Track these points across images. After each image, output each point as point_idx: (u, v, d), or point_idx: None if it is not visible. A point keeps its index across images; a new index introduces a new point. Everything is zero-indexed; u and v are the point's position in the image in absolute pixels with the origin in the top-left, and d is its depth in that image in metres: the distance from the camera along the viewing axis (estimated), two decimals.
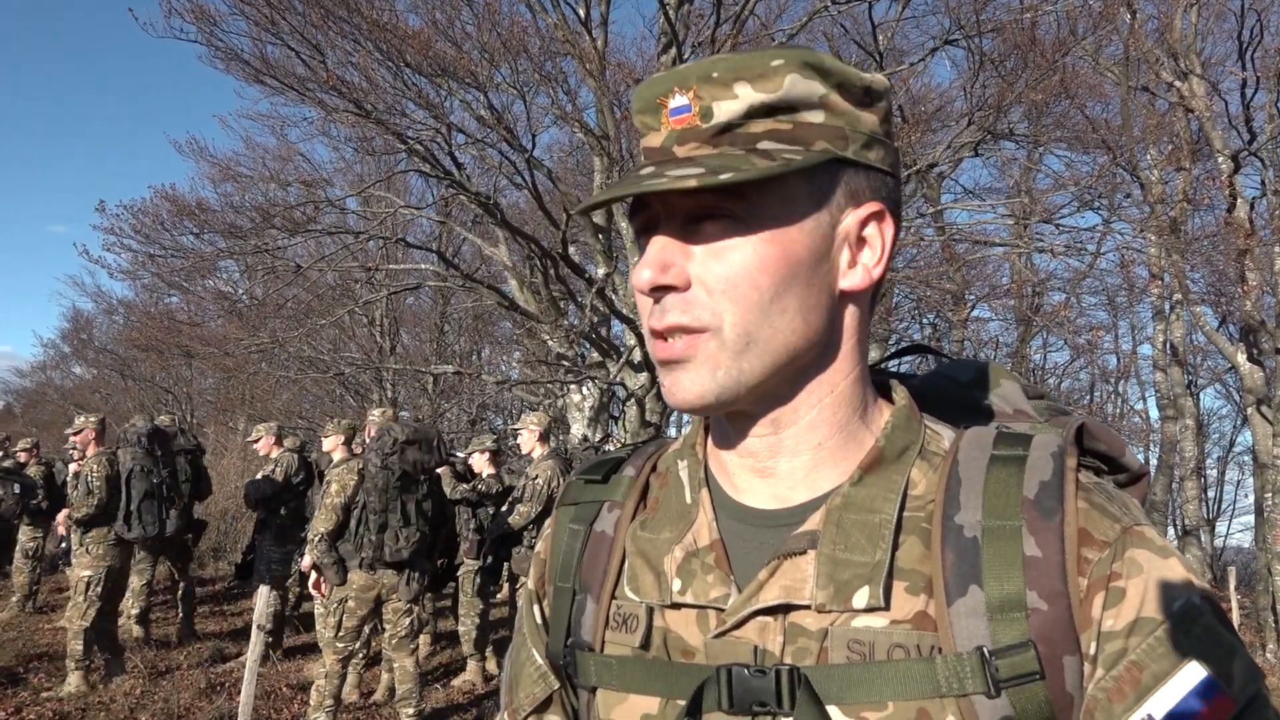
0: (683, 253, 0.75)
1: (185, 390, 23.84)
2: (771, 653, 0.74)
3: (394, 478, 5.38)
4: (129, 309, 21.14)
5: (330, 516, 5.47)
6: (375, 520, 5.35)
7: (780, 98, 0.74)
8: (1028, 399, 0.91)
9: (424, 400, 17.96)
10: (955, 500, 0.74)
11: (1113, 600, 0.69)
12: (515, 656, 0.94)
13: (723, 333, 0.74)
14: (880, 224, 0.78)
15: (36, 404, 34.54)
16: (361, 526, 5.39)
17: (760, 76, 0.74)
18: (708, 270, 0.74)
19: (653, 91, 0.77)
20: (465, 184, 9.92)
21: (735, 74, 0.74)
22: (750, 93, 0.74)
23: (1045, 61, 8.79)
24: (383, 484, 5.36)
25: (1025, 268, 13.30)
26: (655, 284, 0.74)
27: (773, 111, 0.74)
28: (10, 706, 6.36)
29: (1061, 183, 12.60)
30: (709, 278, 0.74)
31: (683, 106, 0.75)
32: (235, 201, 11.34)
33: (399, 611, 5.52)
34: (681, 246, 0.75)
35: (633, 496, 0.89)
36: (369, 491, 5.37)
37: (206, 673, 7.32)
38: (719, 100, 0.74)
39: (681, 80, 0.75)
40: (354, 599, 5.44)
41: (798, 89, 0.74)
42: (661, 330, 0.75)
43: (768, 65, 0.74)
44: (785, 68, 0.74)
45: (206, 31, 8.88)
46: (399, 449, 5.40)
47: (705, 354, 0.74)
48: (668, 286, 0.75)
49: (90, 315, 26.80)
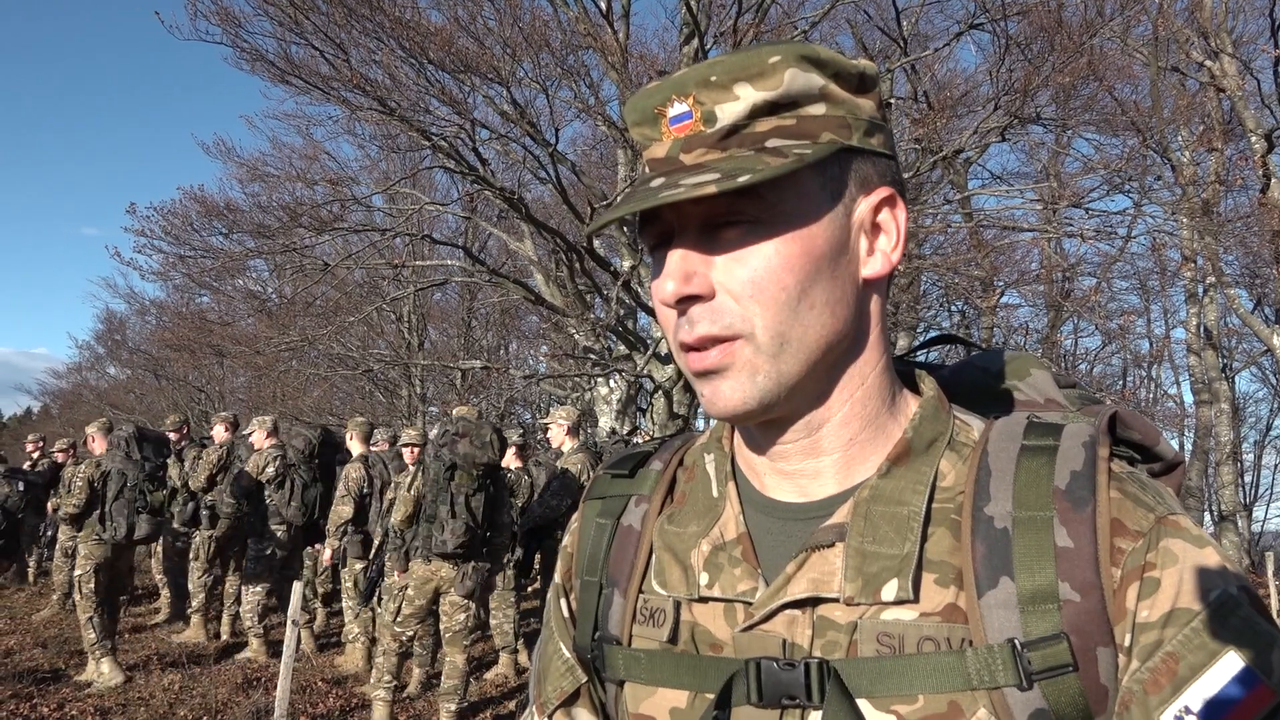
0: (704, 262, 0.74)
1: (218, 389, 24.10)
2: (800, 646, 0.74)
3: (444, 469, 5.45)
4: (161, 309, 21.40)
5: (404, 506, 5.58)
6: (428, 511, 5.44)
7: (782, 94, 0.73)
8: (1059, 388, 0.90)
9: (452, 395, 18.04)
10: (985, 491, 0.73)
11: (1147, 591, 0.68)
12: (543, 650, 0.95)
13: (756, 337, 0.73)
14: (893, 209, 0.78)
15: (73, 405, 35.00)
16: (421, 518, 5.50)
17: (759, 75, 0.73)
18: (731, 276, 0.73)
19: (648, 102, 0.76)
20: (490, 179, 9.95)
21: (733, 75, 0.73)
22: (751, 92, 0.73)
23: (1072, 43, 8.68)
24: (435, 474, 5.44)
25: (1055, 253, 13.17)
26: (680, 295, 0.74)
27: (776, 109, 0.73)
28: (53, 702, 6.48)
29: (1091, 166, 12.45)
30: (733, 284, 0.73)
31: (683, 114, 0.74)
32: (263, 201, 11.47)
33: (456, 606, 5.58)
34: (701, 256, 0.74)
35: (659, 490, 0.89)
36: (426, 483, 5.47)
37: (243, 667, 7.41)
38: (720, 103, 0.73)
39: (679, 87, 0.74)
40: (413, 588, 5.54)
41: (798, 83, 0.73)
42: (693, 343, 0.74)
43: (765, 63, 0.73)
44: (783, 63, 0.73)
45: (231, 33, 8.97)
46: (450, 440, 5.47)
47: (742, 360, 0.74)
48: (693, 297, 0.74)
49: (123, 316, 27.16)
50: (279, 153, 14.23)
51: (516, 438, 7.05)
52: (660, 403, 10.56)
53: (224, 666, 7.49)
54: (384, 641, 5.56)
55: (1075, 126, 12.28)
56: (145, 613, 10.22)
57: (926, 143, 9.96)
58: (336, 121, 12.04)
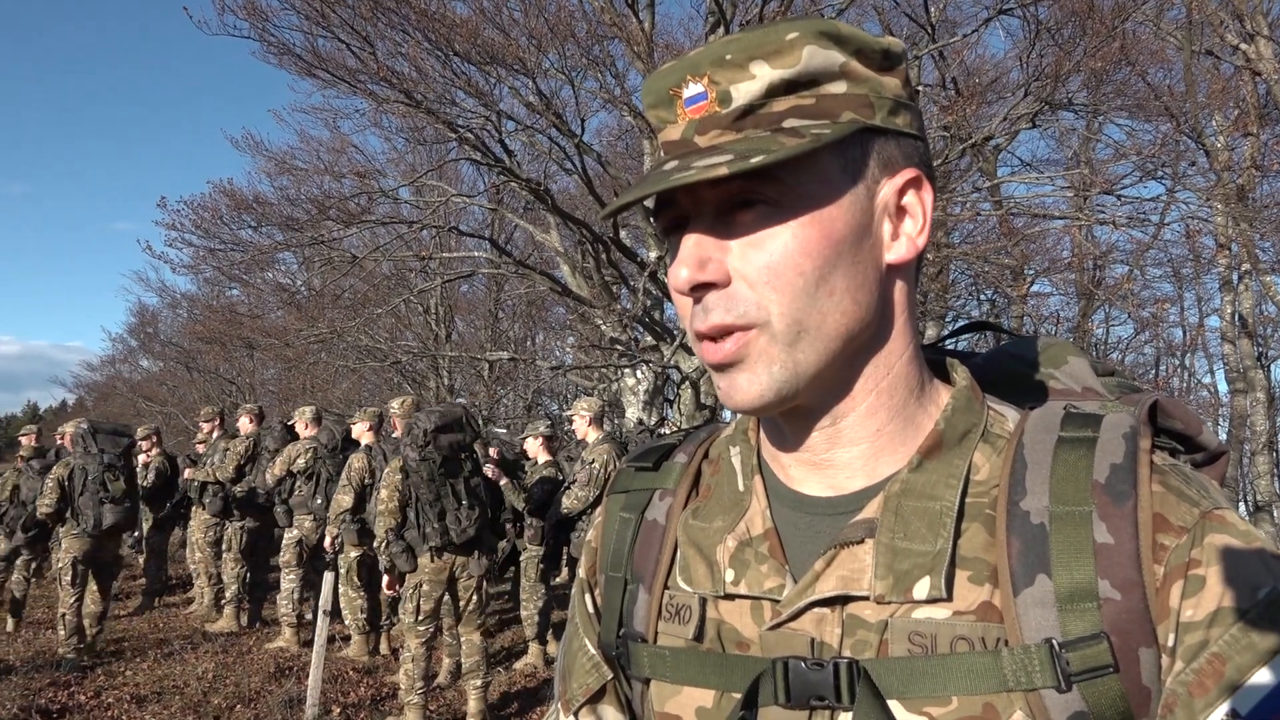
0: (719, 247, 0.72)
1: (248, 381, 24.32)
2: (829, 645, 0.72)
3: (436, 466, 5.47)
4: (192, 303, 21.60)
5: (388, 518, 5.58)
6: (433, 509, 5.45)
7: (800, 71, 0.70)
8: (1097, 376, 0.87)
9: (480, 387, 18.11)
10: (1021, 485, 0.71)
11: (1192, 589, 0.65)
12: (568, 646, 0.93)
13: (771, 326, 0.71)
14: (919, 191, 0.75)
15: (107, 397, 35.43)
16: (421, 517, 5.51)
17: (776, 52, 0.70)
18: (747, 262, 0.71)
19: (663, 83, 0.74)
20: (516, 171, 9.95)
21: (749, 53, 0.71)
22: (768, 70, 0.70)
23: (1104, 28, 8.55)
24: (428, 474, 5.45)
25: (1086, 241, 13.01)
26: (695, 282, 0.72)
27: (794, 87, 0.71)
28: (90, 690, 6.58)
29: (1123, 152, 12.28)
30: (749, 270, 0.71)
31: (698, 95, 0.72)
32: (291, 194, 11.53)
33: (469, 588, 5.65)
34: (716, 241, 0.72)
35: (684, 484, 0.87)
36: (417, 485, 5.47)
37: (275, 656, 7.49)
38: (736, 83, 0.71)
39: (693, 67, 0.72)
40: (428, 582, 5.57)
41: (817, 60, 0.71)
42: (707, 332, 0.73)
43: (783, 40, 0.70)
44: (801, 40, 0.70)
45: (259, 27, 9.01)
46: (432, 438, 5.47)
47: (758, 351, 0.72)
48: (708, 284, 0.72)
49: (155, 310, 27.43)
50: (307, 146, 14.34)
51: (544, 429, 7.06)
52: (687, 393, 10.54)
53: (257, 655, 7.58)
54: (411, 646, 5.56)
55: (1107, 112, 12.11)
56: (179, 602, 10.36)
57: (955, 130, 9.86)
58: (363, 115, 12.11)
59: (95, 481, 7.10)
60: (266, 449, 8.70)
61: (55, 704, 6.17)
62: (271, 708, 5.98)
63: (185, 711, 6.03)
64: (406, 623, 5.60)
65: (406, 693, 5.59)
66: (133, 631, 8.75)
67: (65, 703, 6.23)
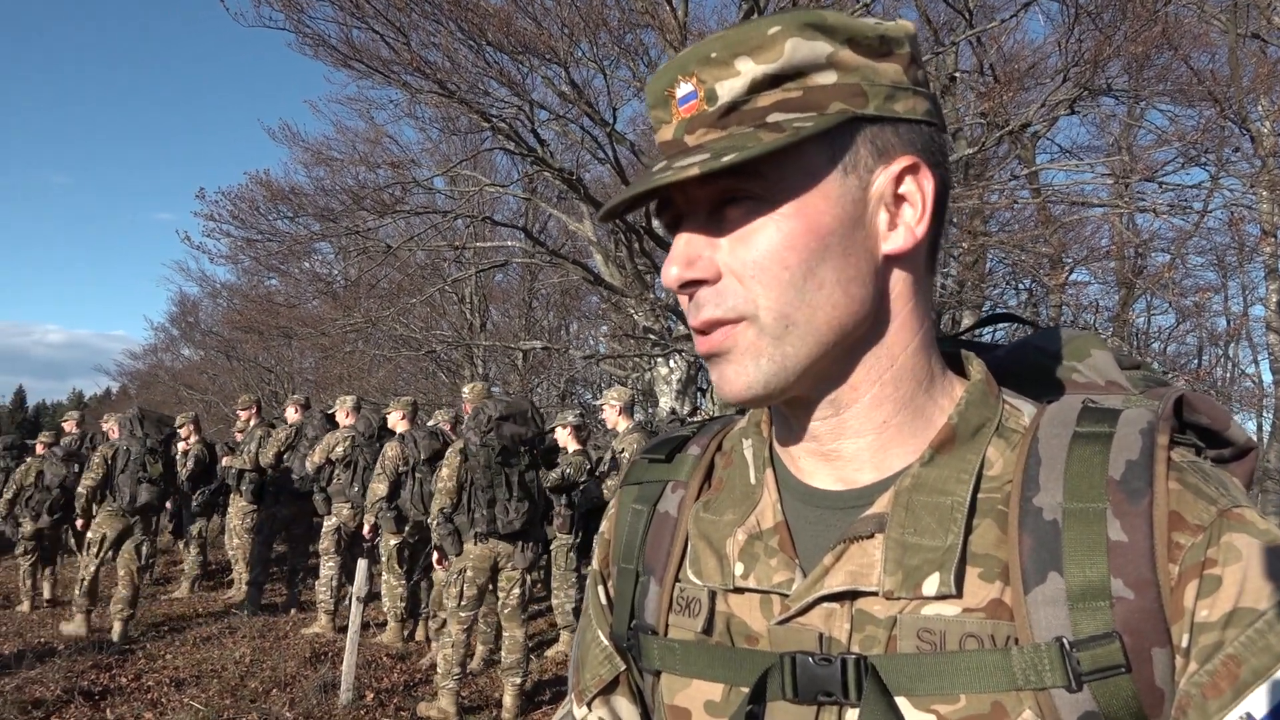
0: (709, 244, 0.72)
1: (286, 370, 24.60)
2: (838, 640, 0.72)
3: (494, 453, 5.53)
4: (231, 292, 21.85)
5: (444, 497, 5.67)
6: (484, 495, 5.53)
7: (784, 65, 0.70)
8: (1122, 369, 0.86)
9: (514, 376, 18.19)
10: (1034, 481, 0.70)
11: (1207, 589, 0.64)
12: (581, 638, 0.94)
13: (759, 319, 0.71)
14: (917, 177, 0.73)
15: (149, 385, 36.00)
16: (472, 502, 5.59)
17: (759, 48, 0.70)
18: (736, 257, 0.71)
19: (659, 84, 0.75)
20: (549, 160, 9.96)
21: (733, 50, 0.71)
22: (752, 66, 0.70)
23: (1145, 11, 8.39)
24: (485, 460, 5.53)
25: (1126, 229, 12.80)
26: (684, 279, 0.72)
27: (779, 81, 0.71)
28: (130, 673, 6.71)
29: (1165, 138, 12.04)
30: (738, 265, 0.71)
31: (689, 94, 0.72)
32: (326, 185, 11.61)
33: (512, 580, 5.71)
34: (707, 238, 0.73)
35: (697, 476, 0.87)
36: (473, 469, 5.57)
37: (311, 642, 7.59)
38: (721, 80, 0.71)
39: (683, 67, 0.73)
40: (472, 568, 5.63)
41: (801, 53, 0.70)
42: (698, 327, 0.73)
43: (765, 34, 0.70)
44: (784, 33, 0.70)
45: (294, 18, 9.07)
46: (495, 425, 5.54)
47: (745, 344, 0.72)
48: (698, 280, 0.72)
49: (196, 299, 27.73)
50: (343, 136, 14.41)
51: (574, 418, 7.09)
52: None
53: (293, 640, 7.68)
54: (452, 630, 5.63)
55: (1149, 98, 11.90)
56: (218, 587, 10.52)
57: (992, 117, 9.73)
58: (398, 105, 12.15)
59: (136, 462, 7.64)
60: (306, 437, 8.82)
61: (97, 686, 6.30)
62: (306, 692, 6.06)
63: (222, 694, 6.13)
64: (449, 607, 5.66)
65: (443, 677, 5.65)
66: (173, 615, 8.91)
67: (107, 685, 6.36)
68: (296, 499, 8.95)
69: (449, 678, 5.62)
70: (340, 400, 8.83)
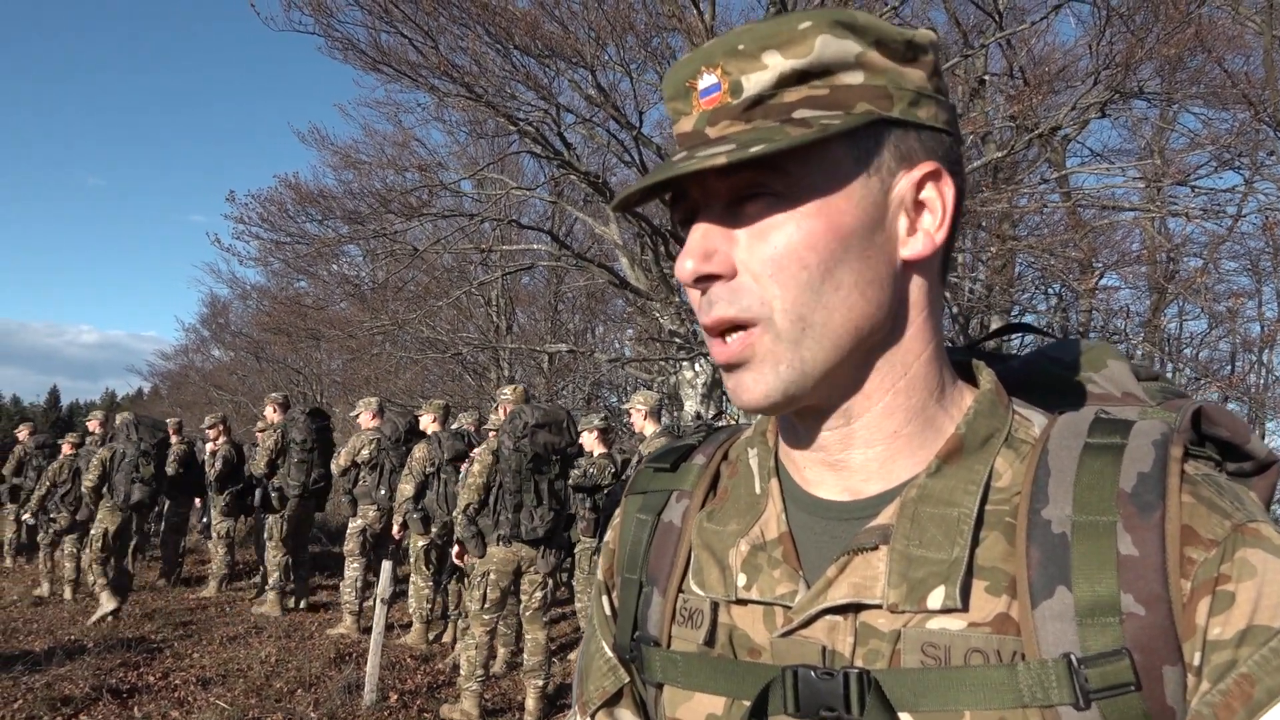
0: (726, 239, 0.71)
1: (314, 371, 24.76)
2: (841, 654, 0.71)
3: (526, 460, 5.54)
4: (261, 294, 22.03)
5: (471, 494, 5.68)
6: (511, 499, 5.54)
7: (812, 61, 0.69)
8: (1139, 381, 0.84)
9: (540, 379, 18.22)
10: (1043, 493, 0.68)
11: (1220, 606, 0.62)
12: (586, 648, 0.93)
13: (775, 322, 0.70)
14: (938, 184, 0.72)
15: (180, 385, 36.36)
16: (499, 504, 5.60)
17: (789, 42, 0.69)
18: (753, 254, 0.70)
19: (681, 75, 0.73)
20: (575, 163, 9.98)
21: (762, 43, 0.70)
22: (780, 60, 0.69)
23: (1178, 13, 8.28)
24: (516, 465, 5.54)
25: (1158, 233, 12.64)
26: (699, 274, 0.71)
27: (806, 77, 0.70)
28: (158, 671, 6.77)
29: (1198, 142, 11.89)
30: (754, 262, 0.70)
31: (712, 86, 0.71)
32: (354, 188, 11.68)
33: (534, 584, 5.72)
34: (724, 232, 0.71)
35: (702, 485, 0.86)
36: (504, 472, 5.58)
37: (336, 642, 7.64)
38: (748, 73, 0.70)
39: (708, 58, 0.71)
40: (495, 572, 5.65)
41: (830, 50, 0.69)
42: (711, 325, 0.72)
43: (795, 29, 0.69)
44: (815, 29, 0.69)
45: (323, 23, 9.15)
46: (530, 432, 5.55)
47: (763, 350, 0.70)
48: (712, 275, 0.71)
49: (226, 300, 27.96)
50: (371, 140, 14.48)
51: (600, 422, 7.09)
52: None
53: (318, 641, 7.73)
54: (475, 633, 5.65)
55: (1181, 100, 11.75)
56: (246, 588, 10.61)
57: (1022, 120, 9.63)
58: (425, 109, 12.21)
59: (130, 464, 8.56)
60: (295, 441, 8.87)
61: (125, 684, 6.36)
62: (331, 693, 6.10)
63: (248, 694, 6.18)
64: (472, 610, 5.68)
65: (466, 679, 5.67)
66: (201, 615, 8.99)
67: (135, 683, 6.42)
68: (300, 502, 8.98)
69: (472, 679, 5.64)
70: (365, 402, 8.87)
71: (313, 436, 8.90)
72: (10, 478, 12.57)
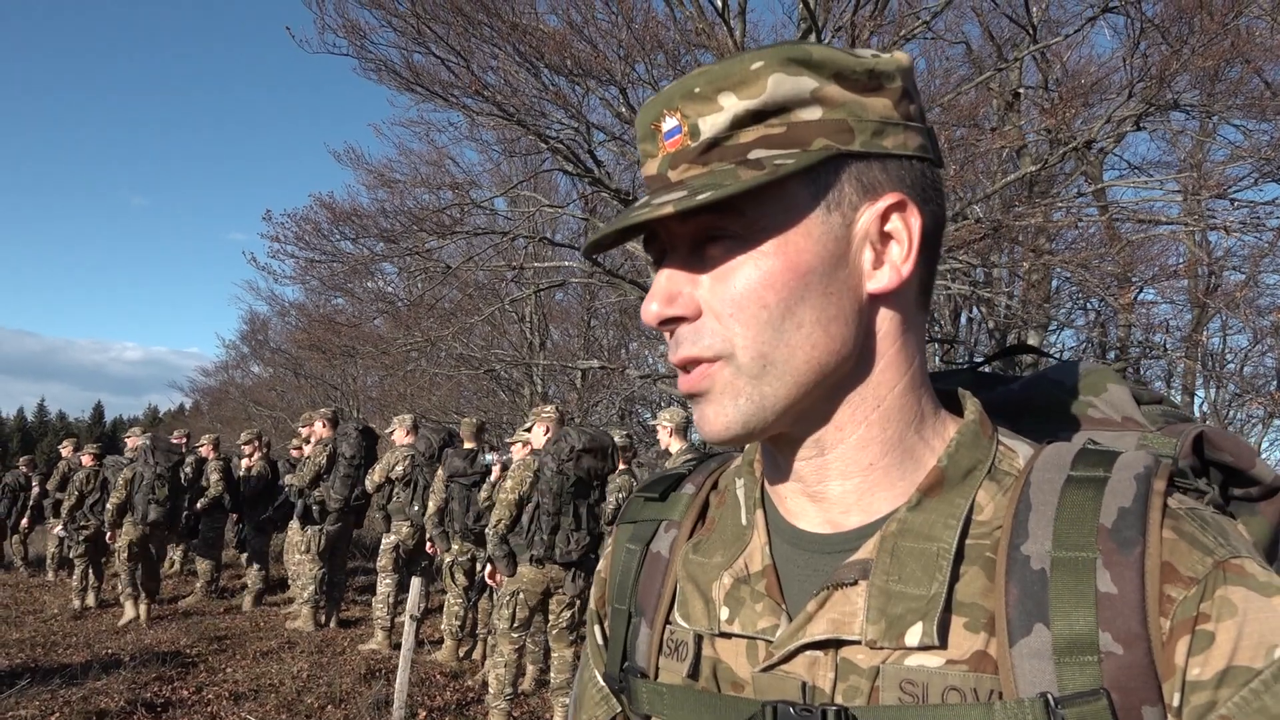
0: (690, 281, 0.71)
1: (351, 387, 24.98)
2: (822, 690, 0.70)
3: (569, 483, 5.53)
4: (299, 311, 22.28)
5: (504, 510, 5.68)
6: (548, 521, 5.52)
7: (766, 101, 0.69)
8: (1141, 405, 0.83)
9: (573, 394, 18.25)
10: (1024, 527, 0.67)
11: (1199, 645, 0.61)
12: (580, 676, 0.93)
13: (736, 358, 0.70)
14: (903, 215, 0.71)
15: (220, 401, 36.86)
16: (534, 524, 5.59)
17: (742, 83, 0.69)
18: (715, 295, 0.70)
19: (646, 117, 0.74)
20: (606, 181, 10.03)
21: (717, 85, 0.70)
22: (735, 101, 0.69)
23: (1215, 24, 8.17)
24: (557, 488, 5.52)
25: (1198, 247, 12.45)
26: (662, 317, 0.71)
27: (761, 116, 0.69)
28: (191, 685, 6.84)
29: (1238, 154, 11.71)
30: (716, 303, 0.70)
31: (674, 129, 0.72)
32: (388, 207, 11.80)
33: (562, 604, 5.71)
34: (688, 275, 0.72)
35: (690, 515, 0.85)
36: (543, 493, 5.55)
37: (367, 658, 7.67)
38: (704, 115, 0.70)
39: (668, 101, 0.72)
40: (525, 591, 5.64)
41: (784, 88, 0.69)
42: (677, 364, 0.72)
43: (748, 69, 0.69)
44: (767, 69, 0.69)
45: (357, 44, 9.26)
46: (576, 456, 5.54)
47: (723, 383, 0.71)
48: (677, 318, 0.71)
49: (265, 317, 28.33)
50: (405, 159, 14.61)
51: (620, 439, 7.10)
52: None
53: (350, 657, 7.77)
54: (504, 651, 5.65)
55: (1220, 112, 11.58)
56: (281, 602, 10.70)
57: (1057, 133, 9.54)
58: (458, 128, 12.31)
59: (147, 485, 9.15)
60: (344, 456, 8.94)
61: (159, 698, 6.43)
62: (360, 709, 6.12)
63: (279, 710, 6.22)
64: (500, 628, 5.69)
65: (495, 697, 5.67)
66: (235, 629, 9.08)
67: (169, 697, 6.49)
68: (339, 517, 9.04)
69: (500, 698, 5.64)
70: (399, 419, 8.94)
71: (361, 453, 8.99)
72: (54, 492, 12.79)
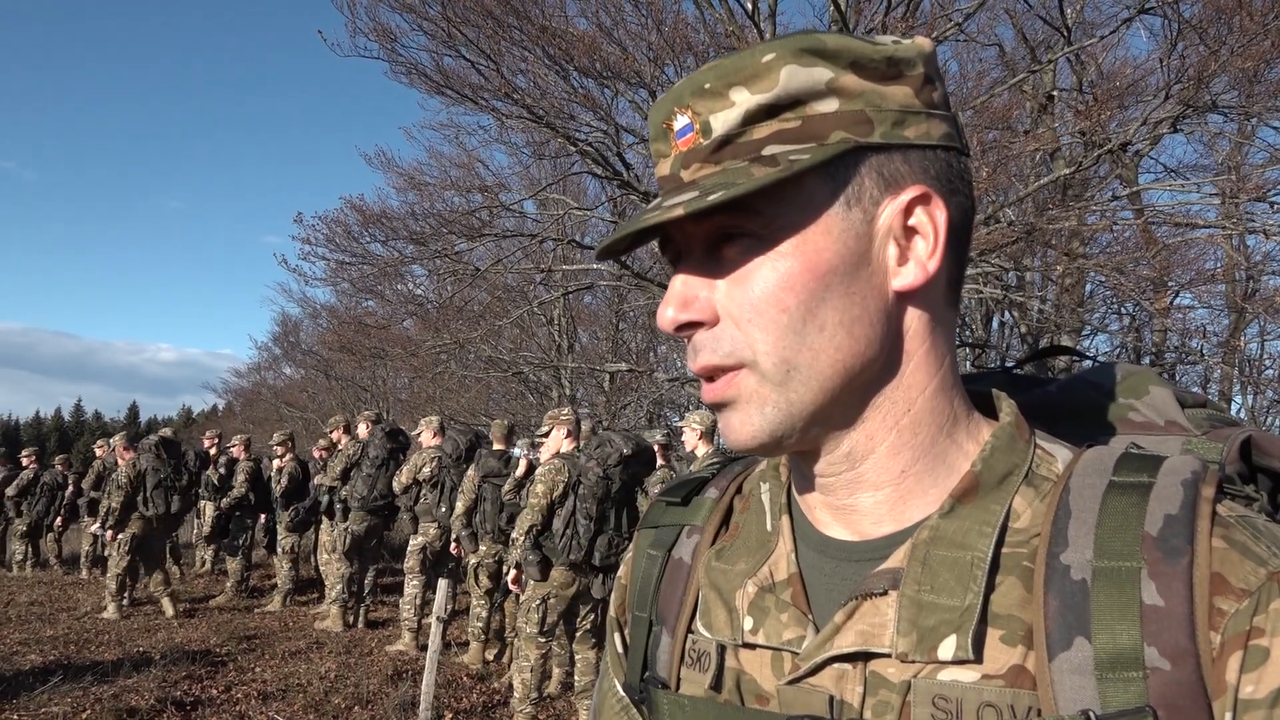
0: (706, 285, 0.69)
1: (381, 389, 25.14)
2: (850, 704, 0.67)
3: (615, 489, 5.51)
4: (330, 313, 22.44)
5: (534, 514, 5.63)
6: (586, 526, 5.47)
7: (779, 94, 0.66)
8: (1185, 408, 0.79)
9: (601, 398, 18.26)
10: (1063, 535, 0.64)
11: (1253, 661, 0.57)
12: (599, 685, 0.91)
13: (759, 365, 0.67)
14: (928, 208, 0.68)
15: (253, 402, 37.20)
16: (569, 528, 5.53)
17: (754, 77, 0.66)
18: (733, 299, 0.67)
19: (658, 116, 0.71)
20: (634, 184, 10.01)
21: (728, 80, 0.67)
22: (747, 96, 0.66)
23: (1254, 24, 8.03)
24: (603, 493, 5.48)
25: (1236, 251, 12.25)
26: (678, 322, 0.69)
27: (775, 111, 0.66)
28: (221, 684, 6.88)
29: (1278, 156, 11.51)
30: (734, 307, 0.67)
31: (685, 127, 0.69)
32: (418, 209, 11.85)
33: (587, 606, 5.70)
34: (705, 279, 0.69)
35: (714, 520, 0.83)
36: (585, 498, 5.49)
37: (394, 659, 7.69)
38: (716, 112, 0.67)
39: (678, 99, 0.69)
40: (555, 596, 5.61)
41: (797, 80, 0.66)
42: (698, 373, 0.70)
43: (759, 62, 0.66)
44: (779, 60, 0.66)
45: (388, 48, 9.31)
46: (623, 461, 5.51)
47: (748, 391, 0.68)
48: (693, 323, 0.69)
49: (297, 319, 28.55)
50: (436, 162, 14.67)
51: (660, 438, 7.08)
52: None
53: (377, 658, 7.80)
54: (530, 655, 5.63)
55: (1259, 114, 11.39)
56: (310, 602, 10.76)
57: (1091, 136, 9.42)
58: (488, 131, 12.35)
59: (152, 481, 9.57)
60: (369, 456, 8.99)
61: (189, 697, 6.47)
62: (387, 710, 6.13)
63: (307, 710, 6.24)
64: (527, 632, 5.67)
65: (520, 700, 5.66)
66: (264, 629, 9.13)
67: (198, 696, 6.53)
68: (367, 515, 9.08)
69: (526, 701, 5.63)
70: (426, 420, 8.96)
71: (385, 453, 9.03)
72: (89, 491, 12.94)
